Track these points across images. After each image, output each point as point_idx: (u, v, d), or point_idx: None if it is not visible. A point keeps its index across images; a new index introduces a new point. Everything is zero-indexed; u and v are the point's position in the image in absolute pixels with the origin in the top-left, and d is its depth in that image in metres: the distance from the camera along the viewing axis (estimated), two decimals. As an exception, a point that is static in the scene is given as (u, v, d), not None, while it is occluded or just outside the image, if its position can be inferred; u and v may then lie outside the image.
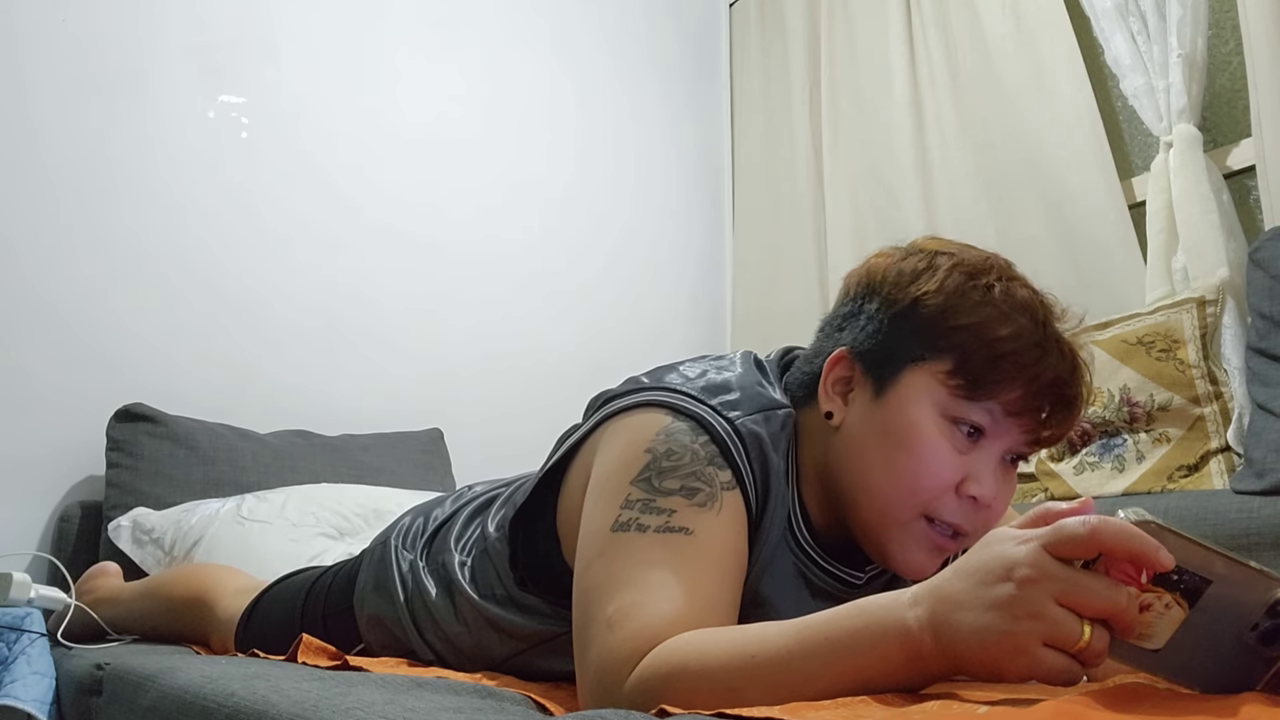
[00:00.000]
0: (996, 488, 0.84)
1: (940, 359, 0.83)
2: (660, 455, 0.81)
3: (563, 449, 0.95)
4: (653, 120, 3.01)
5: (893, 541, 0.85)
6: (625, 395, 0.91)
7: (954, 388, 0.82)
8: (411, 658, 1.10)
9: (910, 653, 0.60)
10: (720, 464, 0.82)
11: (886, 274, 0.89)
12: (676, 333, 2.92)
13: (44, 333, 2.04)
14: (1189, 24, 1.90)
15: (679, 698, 0.65)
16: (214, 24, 2.33)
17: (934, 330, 0.84)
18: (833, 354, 0.90)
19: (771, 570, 0.88)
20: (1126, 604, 0.54)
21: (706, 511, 0.79)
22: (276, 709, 0.78)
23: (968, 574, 0.59)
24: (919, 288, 0.85)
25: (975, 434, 0.84)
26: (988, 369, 0.82)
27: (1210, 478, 1.71)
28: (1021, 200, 2.23)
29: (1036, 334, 0.82)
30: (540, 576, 0.96)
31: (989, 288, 0.84)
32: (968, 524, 0.84)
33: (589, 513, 0.83)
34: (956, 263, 0.86)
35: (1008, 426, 0.84)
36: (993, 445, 0.84)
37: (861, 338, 0.88)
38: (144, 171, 2.20)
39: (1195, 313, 1.77)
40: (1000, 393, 0.82)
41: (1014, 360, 0.81)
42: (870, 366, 0.87)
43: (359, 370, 2.40)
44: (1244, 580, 0.55)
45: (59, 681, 1.40)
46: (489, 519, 1.05)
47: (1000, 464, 0.86)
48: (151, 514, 1.88)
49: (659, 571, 0.75)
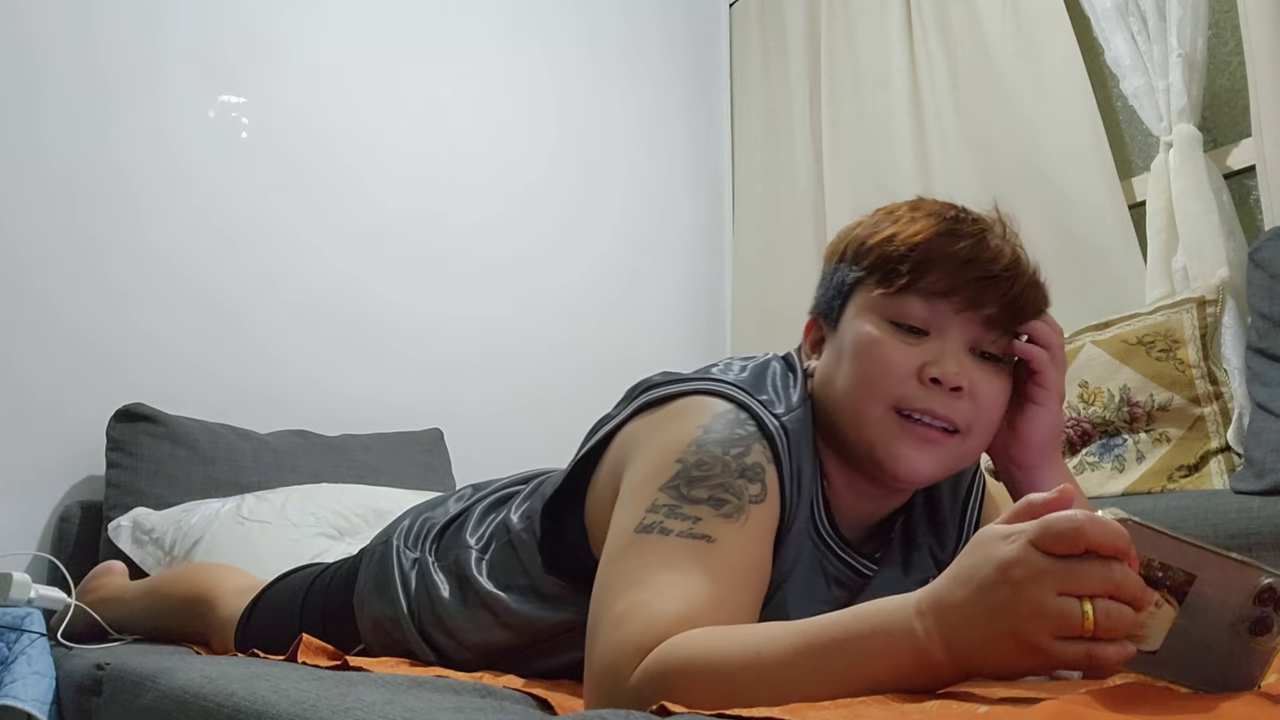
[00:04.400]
0: (962, 370, 0.87)
1: (869, 274, 0.91)
2: (691, 465, 0.81)
3: (595, 438, 0.95)
4: (653, 120, 3.01)
5: (876, 444, 0.87)
6: (668, 384, 0.92)
7: (882, 290, 0.89)
8: (412, 658, 1.09)
9: (921, 663, 0.61)
10: (751, 476, 0.82)
11: (830, 245, 0.99)
12: (677, 333, 2.92)
13: (44, 333, 2.04)
14: (1189, 24, 1.90)
15: (683, 694, 0.65)
16: (214, 25, 2.33)
17: (857, 256, 0.93)
18: (805, 325, 1.00)
19: (793, 561, 0.89)
20: (1122, 578, 0.55)
21: (732, 523, 0.79)
22: (276, 709, 0.78)
23: (965, 580, 0.59)
24: (849, 235, 0.96)
25: (919, 331, 0.88)
26: (901, 262, 0.88)
27: (1210, 478, 1.71)
28: (1021, 200, 2.23)
29: (943, 226, 0.89)
30: (567, 564, 0.96)
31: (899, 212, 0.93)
32: (944, 409, 0.86)
33: (617, 514, 0.83)
34: (880, 208, 0.97)
35: (947, 315, 0.88)
36: (945, 336, 0.88)
37: (818, 296, 0.98)
38: (144, 171, 2.20)
39: (1195, 313, 1.77)
40: (920, 280, 0.87)
41: (924, 250, 0.88)
42: (826, 315, 0.96)
43: (359, 370, 2.40)
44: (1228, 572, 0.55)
45: (59, 681, 1.40)
46: (511, 511, 1.05)
47: (968, 355, 0.89)
48: (151, 514, 1.88)
49: (674, 574, 0.75)
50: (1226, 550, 0.55)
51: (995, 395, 0.89)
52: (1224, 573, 0.55)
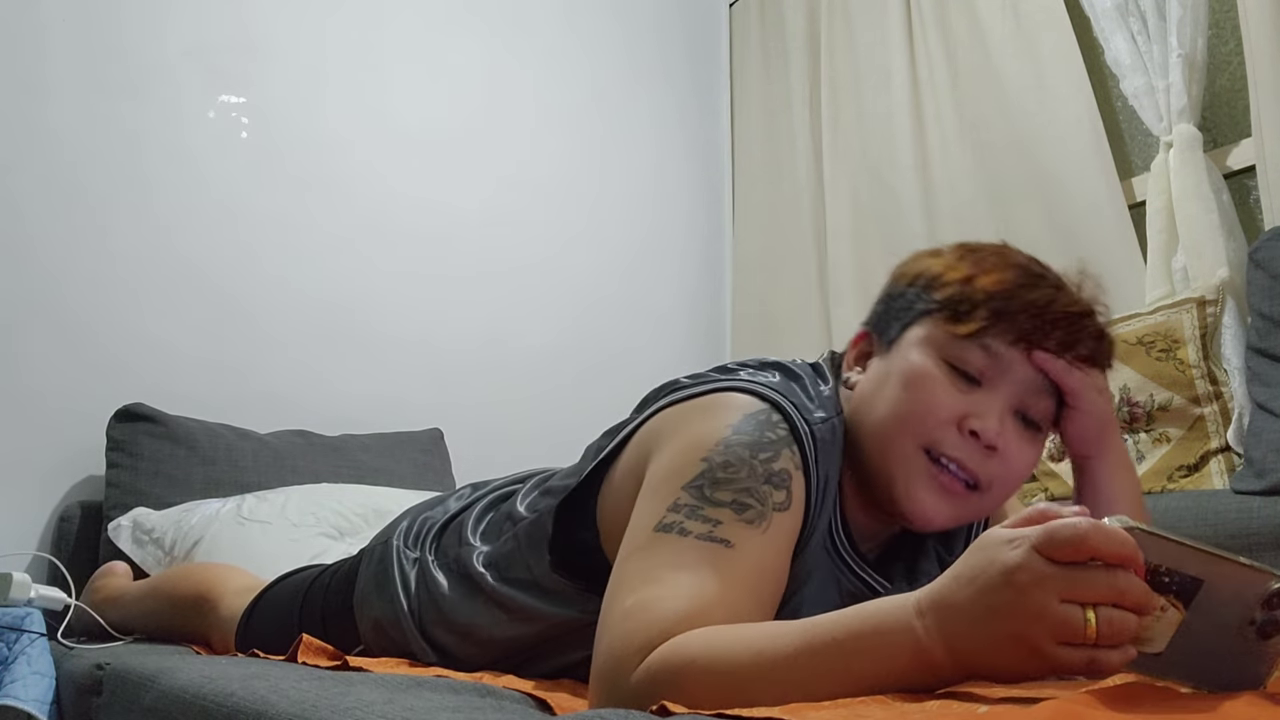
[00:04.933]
0: (1003, 430, 0.85)
1: (940, 309, 0.89)
2: (717, 465, 0.80)
3: (616, 439, 0.95)
4: (653, 120, 3.01)
5: (897, 479, 0.86)
6: (695, 385, 0.91)
7: (950, 329, 0.87)
8: (412, 659, 1.09)
9: (921, 663, 0.61)
10: (777, 483, 0.81)
11: (902, 265, 0.97)
12: (677, 333, 2.92)
13: (44, 333, 2.04)
14: (1189, 24, 1.90)
15: (685, 692, 0.65)
16: (214, 25, 2.33)
17: (933, 286, 0.90)
18: (855, 335, 0.98)
19: (809, 573, 0.88)
20: (1126, 585, 0.55)
21: (753, 529, 0.78)
22: (276, 709, 0.78)
23: (968, 581, 0.59)
24: (925, 262, 0.94)
25: (973, 380, 0.87)
26: (976, 307, 0.87)
27: (1210, 478, 1.71)
28: (1021, 200, 2.23)
29: (1023, 278, 0.88)
30: (574, 563, 0.96)
31: (986, 254, 0.91)
32: (973, 463, 0.85)
33: (638, 510, 0.83)
34: (961, 244, 0.95)
35: (1003, 371, 0.86)
36: (995, 392, 0.86)
37: (878, 312, 0.96)
38: (144, 171, 2.20)
39: (1195, 313, 1.77)
40: (991, 329, 0.86)
41: (1002, 300, 0.86)
42: (882, 332, 0.94)
43: (359, 370, 2.40)
44: (1236, 576, 0.55)
45: (59, 681, 1.40)
46: (516, 503, 1.05)
47: (1011, 417, 0.87)
48: (152, 514, 1.88)
49: (688, 574, 0.74)
50: (1234, 554, 0.55)
51: (1024, 462, 0.88)
52: (1232, 577, 0.55)
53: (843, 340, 1.02)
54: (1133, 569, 0.55)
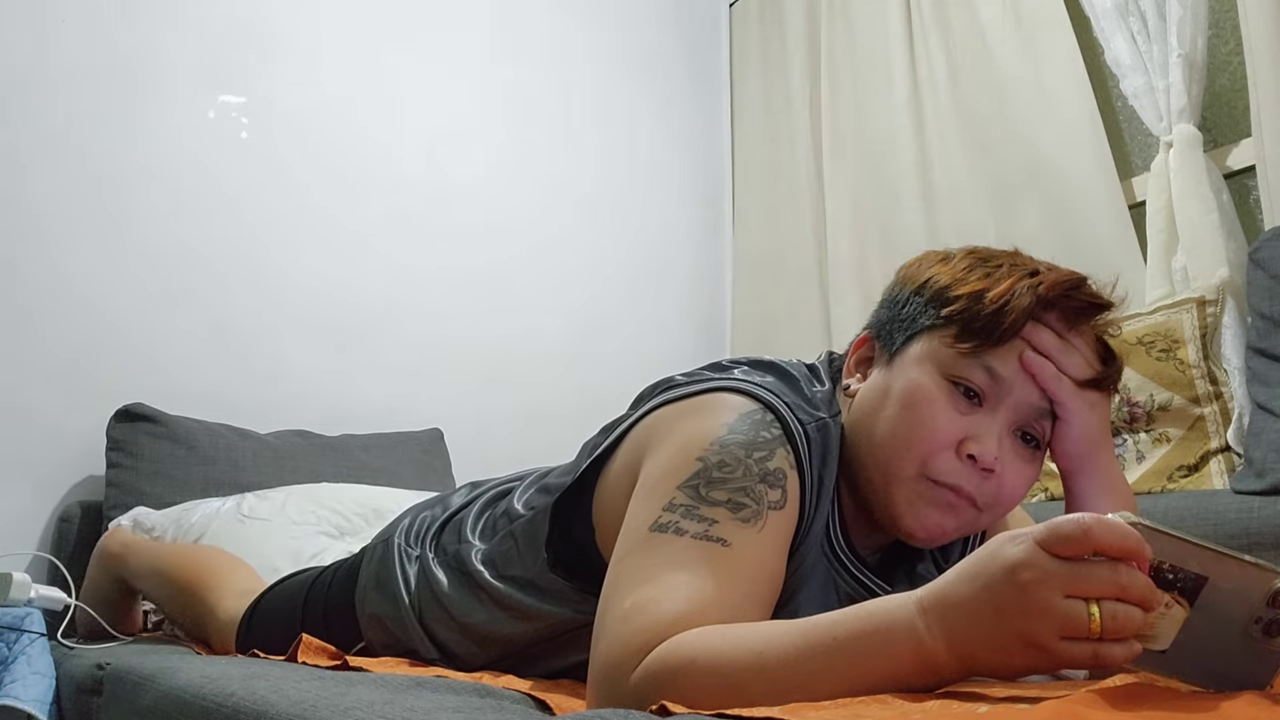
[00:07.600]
0: (1000, 453, 0.85)
1: (946, 325, 0.87)
2: (712, 465, 0.80)
3: (611, 437, 0.94)
4: (653, 121, 3.01)
5: (900, 501, 0.86)
6: (691, 384, 0.91)
7: (955, 346, 0.85)
8: (413, 657, 1.10)
9: (923, 661, 0.61)
10: (772, 482, 0.81)
11: (909, 267, 0.95)
12: (676, 333, 2.92)
13: (44, 332, 2.04)
14: (1189, 24, 1.90)
15: (684, 692, 0.65)
16: (214, 24, 2.33)
17: (940, 300, 0.88)
18: (857, 338, 0.96)
19: (806, 575, 0.88)
20: (1129, 580, 0.55)
21: (749, 528, 0.78)
22: (276, 709, 0.78)
23: (970, 578, 0.59)
24: (933, 269, 0.91)
25: (975, 398, 0.85)
26: (985, 324, 0.85)
27: (1210, 478, 1.71)
28: (1021, 200, 2.23)
29: (1033, 288, 0.86)
30: (570, 561, 0.96)
31: (997, 265, 0.89)
32: (970, 486, 0.84)
33: (633, 510, 0.82)
34: (972, 250, 0.92)
35: (1006, 389, 0.85)
36: (995, 411, 0.85)
37: (882, 317, 0.94)
38: (143, 171, 2.20)
39: (1195, 313, 1.77)
40: (997, 346, 0.85)
41: (1012, 314, 0.84)
42: (885, 340, 0.92)
43: (359, 370, 2.40)
44: (1242, 575, 0.55)
45: (59, 681, 1.40)
46: (514, 500, 1.05)
47: (1010, 437, 0.86)
48: (152, 513, 1.88)
49: (685, 574, 0.74)
50: (1239, 552, 0.55)
51: (1020, 483, 0.87)
52: (1237, 575, 0.55)
53: (842, 340, 1.02)
54: (1136, 564, 0.55)
